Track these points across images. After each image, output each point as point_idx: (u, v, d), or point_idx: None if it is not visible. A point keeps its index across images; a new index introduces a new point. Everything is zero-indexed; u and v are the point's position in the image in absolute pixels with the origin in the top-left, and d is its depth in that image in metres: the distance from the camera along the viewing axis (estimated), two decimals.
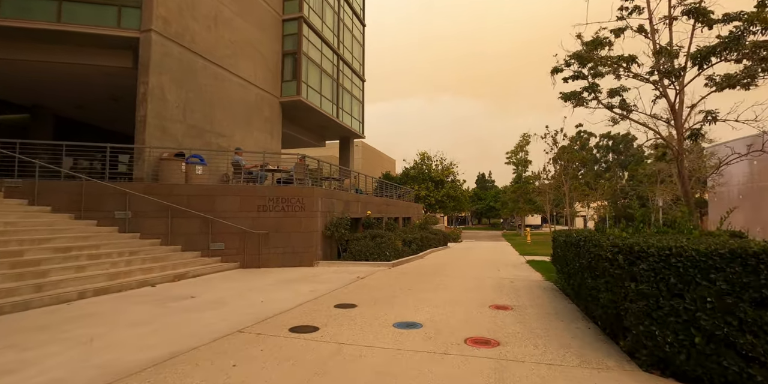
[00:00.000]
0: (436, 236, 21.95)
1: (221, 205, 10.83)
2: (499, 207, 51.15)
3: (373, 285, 8.50)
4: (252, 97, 16.30)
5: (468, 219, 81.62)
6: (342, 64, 22.52)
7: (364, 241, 12.66)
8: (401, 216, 20.94)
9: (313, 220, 11.42)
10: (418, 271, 11.01)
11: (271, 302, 6.74)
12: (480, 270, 11.49)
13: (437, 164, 38.70)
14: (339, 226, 12.02)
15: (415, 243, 16.68)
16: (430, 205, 36.98)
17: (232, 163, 11.99)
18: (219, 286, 8.36)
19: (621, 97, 10.16)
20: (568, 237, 6.71)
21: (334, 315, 5.78)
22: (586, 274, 5.37)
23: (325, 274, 10.13)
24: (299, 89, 17.86)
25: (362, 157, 41.47)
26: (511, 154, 40.81)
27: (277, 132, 17.92)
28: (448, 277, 9.76)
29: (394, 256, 12.81)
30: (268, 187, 11.29)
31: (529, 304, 6.68)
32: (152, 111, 11.95)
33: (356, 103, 24.72)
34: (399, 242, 13.72)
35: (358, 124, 24.97)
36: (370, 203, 16.39)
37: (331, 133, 24.26)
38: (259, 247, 10.93)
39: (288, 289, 8.07)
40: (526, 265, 13.00)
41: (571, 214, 48.40)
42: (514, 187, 40.99)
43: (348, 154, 24.92)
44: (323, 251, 11.95)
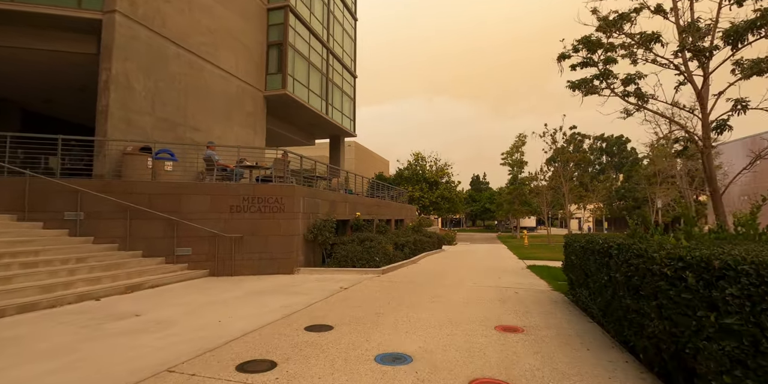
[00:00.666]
0: (431, 239, 20.77)
1: (189, 205, 9.56)
2: (494, 209, 50.08)
3: (357, 297, 7.27)
4: (233, 89, 15.05)
5: (462, 221, 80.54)
6: (332, 59, 21.32)
7: (352, 245, 11.44)
8: (394, 218, 19.75)
9: (294, 222, 10.18)
10: (410, 278, 9.80)
11: (231, 322, 5.50)
12: (479, 277, 10.31)
13: (431, 165, 37.57)
14: (323, 229, 10.78)
15: (407, 247, 15.48)
16: (424, 207, 35.81)
17: (204, 159, 10.73)
18: (176, 299, 7.10)
19: (636, 85, 9.03)
20: (590, 243, 5.54)
21: (301, 343, 4.55)
22: (621, 292, 4.19)
23: (304, 283, 8.88)
24: (285, 82, 16.63)
25: (355, 158, 40.28)
26: (506, 155, 39.78)
27: (260, 128, 16.67)
28: (443, 287, 8.55)
29: (385, 261, 11.60)
30: (242, 185, 10.04)
31: (543, 324, 5.48)
32: (116, 101, 10.67)
33: (347, 99, 23.52)
34: (390, 246, 12.51)
35: (349, 121, 23.77)
36: (360, 204, 15.18)
37: (321, 131, 23.03)
38: (231, 253, 9.67)
39: (257, 303, 6.83)
40: (528, 272, 11.84)
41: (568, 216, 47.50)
42: (510, 188, 39.93)
43: (339, 154, 23.69)
44: (305, 257, 10.70)
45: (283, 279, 9.37)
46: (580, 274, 6.12)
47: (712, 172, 8.14)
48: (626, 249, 4.06)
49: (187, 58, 13.05)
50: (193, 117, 13.20)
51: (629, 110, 9.62)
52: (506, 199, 40.48)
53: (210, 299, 7.12)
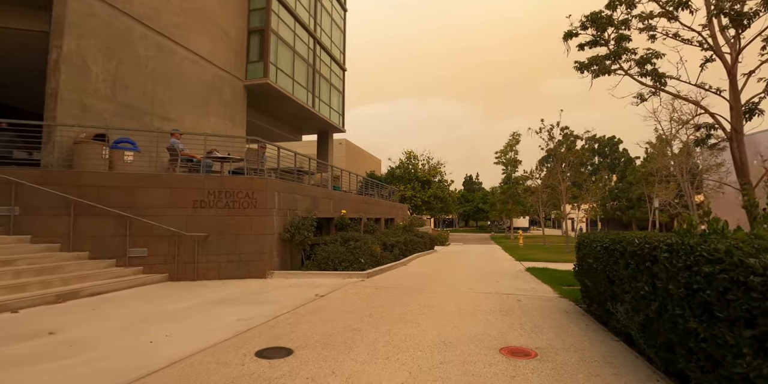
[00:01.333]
0: (422, 239, 19.63)
1: (145, 200, 8.31)
2: (488, 209, 49.05)
3: (333, 308, 6.08)
4: (208, 76, 13.79)
5: (455, 221, 79.53)
6: (319, 49, 20.11)
7: (334, 245, 10.24)
8: (383, 217, 18.57)
9: (267, 220, 8.96)
10: (398, 283, 8.63)
11: (165, 343, 4.29)
12: (475, 281, 9.16)
13: (424, 163, 36.47)
14: (301, 228, 9.58)
15: (397, 247, 14.32)
16: (416, 207, 34.67)
17: (167, 149, 9.47)
18: (114, 311, 5.86)
19: (653, 65, 7.94)
20: (617, 242, 4.40)
21: (243, 377, 3.36)
22: (676, 309, 3.05)
23: (276, 289, 7.67)
24: (267, 71, 15.40)
25: (346, 156, 39.06)
26: (500, 154, 38.79)
27: (240, 119, 15.41)
28: (435, 294, 7.39)
29: (371, 263, 10.42)
30: (208, 177, 8.79)
31: (559, 345, 4.34)
32: (68, 83, 9.38)
33: (336, 93, 22.31)
34: (378, 247, 11.34)
35: (338, 116, 22.55)
36: (346, 201, 13.98)
37: (308, 126, 21.79)
38: (195, 254, 8.43)
39: (211, 315, 5.62)
40: (528, 275, 10.73)
41: (563, 217, 46.63)
42: (503, 187, 38.92)
43: (327, 149, 22.46)
44: (281, 259, 9.49)
45: (252, 284, 8.15)
46: (601, 281, 4.98)
47: (744, 163, 7.04)
48: (687, 251, 2.92)
49: (156, 39, 11.78)
50: (162, 105, 11.92)
51: (643, 95, 8.52)
52: (500, 198, 39.46)
53: (156, 311, 5.89)
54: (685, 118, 19.44)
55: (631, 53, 7.79)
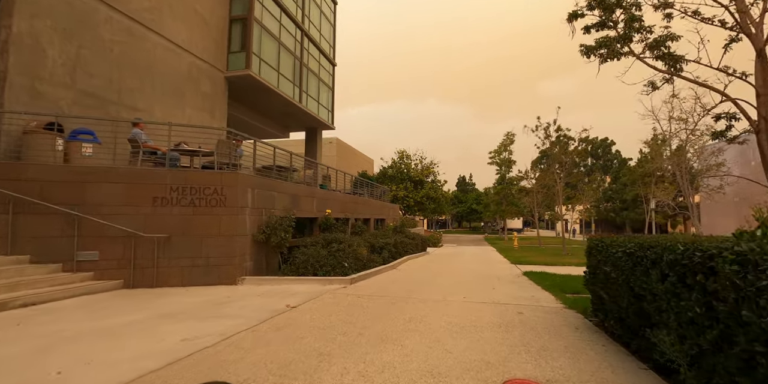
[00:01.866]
0: (414, 241, 18.74)
1: (97, 196, 7.33)
2: (481, 209, 48.30)
3: (302, 323, 5.15)
4: (184, 66, 12.80)
5: (448, 222, 78.77)
6: (307, 42, 19.17)
7: (315, 248, 9.30)
8: (374, 217, 17.66)
9: (238, 219, 8.00)
10: (384, 290, 7.71)
11: (77, 376, 3.34)
12: (469, 288, 8.27)
13: (417, 163, 35.60)
14: (278, 229, 8.62)
15: (387, 249, 13.42)
16: (408, 207, 33.79)
17: (129, 140, 8.48)
18: (44, 326, 4.88)
19: (667, 49, 7.10)
20: (647, 249, 3.52)
21: None
22: (751, 344, 2.15)
23: (243, 298, 6.72)
24: (249, 62, 14.43)
25: (337, 155, 38.12)
26: (494, 154, 38.00)
27: (220, 113, 14.43)
28: (424, 304, 6.48)
29: (357, 267, 9.51)
30: (170, 171, 7.81)
31: (575, 376, 3.44)
32: (18, 66, 8.38)
33: (325, 89, 21.37)
34: (364, 249, 10.41)
35: (327, 113, 21.61)
36: (332, 200, 13.04)
37: (296, 123, 20.82)
38: (154, 258, 7.45)
39: (153, 334, 4.66)
40: (526, 280, 9.86)
41: (557, 218, 45.96)
42: (497, 188, 38.15)
43: (315, 147, 21.50)
44: (255, 263, 8.53)
45: (218, 292, 7.19)
46: (622, 295, 4.09)
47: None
48: None
49: (124, 23, 10.78)
50: (130, 94, 10.92)
51: (655, 83, 7.68)
52: (493, 199, 38.68)
53: (93, 326, 4.93)
54: (684, 116, 18.77)
55: (646, 32, 6.94)
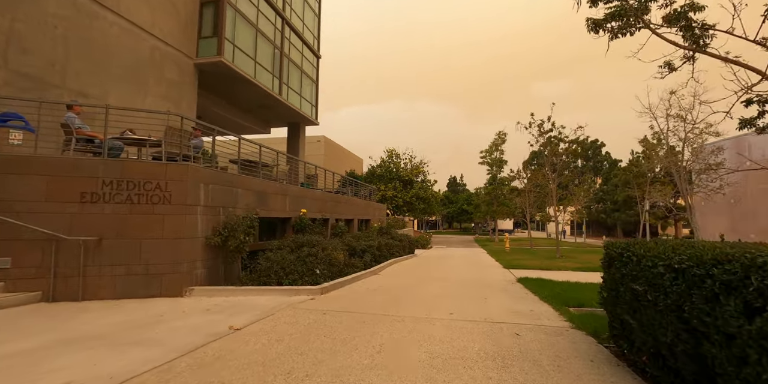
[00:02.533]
0: (400, 243, 17.58)
1: (10, 191, 6.04)
2: (472, 210, 47.28)
3: (238, 356, 3.94)
4: (146, 50, 11.50)
5: (438, 223, 77.74)
6: (289, 31, 17.92)
7: (282, 253, 8.07)
8: (357, 218, 16.46)
9: (187, 220, 6.76)
10: (358, 303, 6.53)
11: None
12: (457, 300, 7.12)
13: (406, 162, 34.45)
14: (237, 230, 7.38)
15: (369, 252, 12.26)
16: (397, 207, 32.63)
17: (61, 125, 7.17)
18: None
19: (687, 21, 6.02)
20: (716, 265, 2.38)
21: None
22: None
23: (181, 316, 5.48)
24: (221, 48, 13.16)
25: (325, 154, 36.89)
26: (485, 154, 37.02)
27: (188, 103, 13.13)
28: (403, 323, 5.30)
29: (331, 274, 8.32)
30: (103, 162, 6.53)
31: None
32: None
33: (308, 82, 20.12)
34: (340, 254, 9.21)
35: (311, 107, 20.35)
36: (309, 199, 11.81)
37: (276, 117, 19.54)
38: (81, 265, 6.18)
39: (31, 371, 3.43)
40: (521, 288, 8.74)
41: (547, 219, 45.14)
42: (488, 188, 37.16)
43: (297, 143, 20.25)
44: (209, 270, 7.28)
45: (156, 307, 5.94)
46: (666, 326, 2.94)
47: None
48: None
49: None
50: (77, 77, 9.61)
51: (672, 64, 6.60)
52: (484, 199, 37.68)
53: None
54: (683, 113, 17.87)
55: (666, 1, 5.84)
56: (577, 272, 12.42)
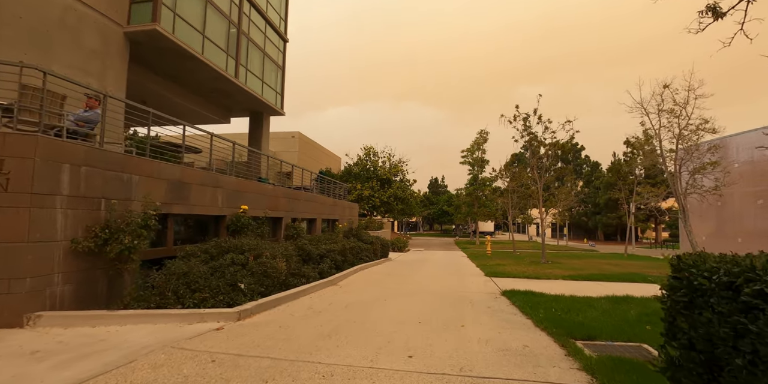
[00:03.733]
0: (372, 246, 15.61)
1: None
2: (452, 211, 45.61)
3: None
4: (56, 10, 9.25)
5: (419, 225, 75.98)
6: (248, 8, 15.77)
7: (192, 262, 5.96)
8: (322, 217, 14.39)
9: (35, 215, 4.62)
10: (279, 337, 4.49)
11: None
12: (424, 328, 5.14)
13: (384, 161, 32.47)
14: (123, 231, 5.26)
15: (330, 258, 10.29)
16: (374, 207, 30.63)
17: None
18: None
19: None
20: None
21: None
22: None
23: None
24: (156, 14, 10.96)
25: (299, 151, 34.67)
26: (467, 153, 35.33)
27: (115, 78, 10.85)
28: (330, 380, 3.29)
29: (265, 289, 6.28)
30: None
31: None
32: None
33: (272, 67, 17.97)
34: (281, 262, 7.14)
35: (275, 95, 18.19)
36: (252, 194, 9.69)
37: (237, 105, 17.31)
38: None
39: None
40: (509, 306, 6.86)
41: (528, 221, 43.74)
42: (469, 189, 35.48)
43: (260, 134, 18.05)
44: (78, 286, 5.13)
45: None
46: None
47: None
48: None
49: None
50: None
51: (718, 7, 4.80)
52: (465, 200, 35.98)
53: None
54: (677, 108, 16.42)
55: None
56: (570, 282, 10.65)
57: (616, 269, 13.70)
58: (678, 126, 16.71)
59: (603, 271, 12.87)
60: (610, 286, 9.75)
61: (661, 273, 13.13)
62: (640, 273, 12.70)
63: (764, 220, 22.98)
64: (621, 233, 46.09)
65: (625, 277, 11.41)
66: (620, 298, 7.67)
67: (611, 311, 6.43)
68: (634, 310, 6.52)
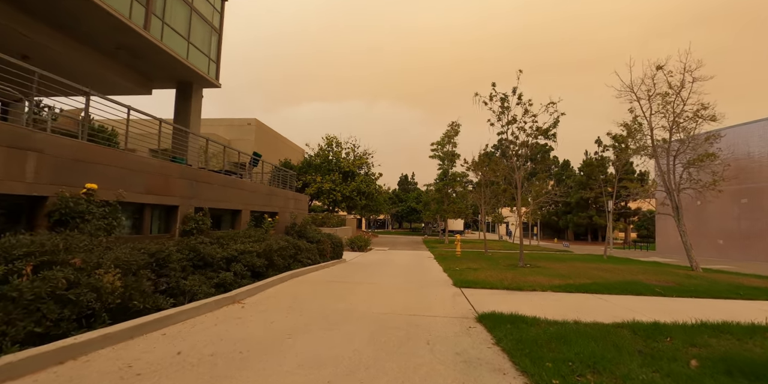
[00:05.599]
0: (320, 245, 12.71)
1: None
2: (421, 208, 43.09)
3: None
4: None
5: (387, 222, 73.22)
6: None
7: None
8: (250, 208, 11.25)
9: None
10: None
11: None
12: None
13: (348, 152, 29.46)
14: None
15: (243, 262, 7.32)
16: (335, 202, 27.59)
17: None
18: None
19: None
20: None
21: None
22: None
23: None
24: None
25: (255, 140, 31.08)
26: (437, 146, 32.80)
27: None
28: None
29: (53, 325, 3.23)
30: None
31: None
32: None
33: (205, 28, 14.66)
34: (110, 276, 4.10)
35: (209, 63, 14.88)
36: (114, 168, 6.47)
37: (157, 70, 13.89)
38: None
39: None
40: (495, 354, 4.07)
41: (499, 220, 41.81)
42: (439, 184, 32.93)
43: (188, 109, 14.69)
44: None
45: None
46: None
47: None
48: None
49: None
50: None
51: None
52: (434, 197, 33.44)
53: None
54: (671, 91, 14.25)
55: None
56: (562, 295, 8.05)
57: (608, 276, 11.29)
58: (672, 113, 14.56)
59: (594, 279, 10.41)
60: (616, 302, 7.22)
61: (660, 281, 10.86)
62: (638, 281, 10.30)
63: (747, 220, 21.45)
64: (591, 233, 44.86)
65: (627, 288, 8.93)
66: (648, 327, 5.08)
67: (658, 354, 3.81)
68: (687, 351, 3.92)
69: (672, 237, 28.17)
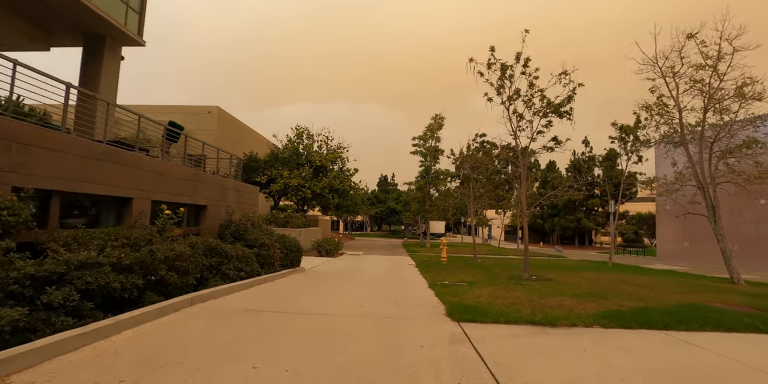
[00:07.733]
0: (265, 251, 9.36)
1: None
2: (401, 208, 39.92)
3: None
4: None
5: (366, 224, 69.64)
6: None
7: None
8: (151, 197, 7.76)
9: None
10: None
11: None
12: None
13: (321, 145, 26.03)
14: None
15: (81, 283, 3.82)
16: (304, 200, 24.09)
17: None
18: None
19: None
20: None
21: None
22: None
23: None
24: None
25: (217, 129, 27.34)
26: (419, 141, 29.67)
27: None
28: None
29: None
30: None
31: None
32: None
33: None
34: None
35: (127, 11, 11.34)
36: None
37: (57, 17, 10.30)
38: None
39: None
40: None
41: (483, 223, 38.97)
42: (420, 182, 29.74)
43: (98, 69, 11.08)
44: None
45: None
46: None
47: None
48: None
49: None
50: None
51: None
52: (415, 196, 30.23)
53: None
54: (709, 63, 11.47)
55: None
56: (623, 333, 4.91)
57: (649, 295, 8.26)
58: (709, 89, 11.75)
59: (638, 301, 7.35)
60: (721, 351, 4.05)
61: (725, 302, 7.82)
62: (700, 304, 7.29)
63: (766, 223, 18.97)
64: (579, 237, 42.54)
65: (696, 317, 5.88)
66: None
67: None
68: None
69: (672, 242, 25.73)
